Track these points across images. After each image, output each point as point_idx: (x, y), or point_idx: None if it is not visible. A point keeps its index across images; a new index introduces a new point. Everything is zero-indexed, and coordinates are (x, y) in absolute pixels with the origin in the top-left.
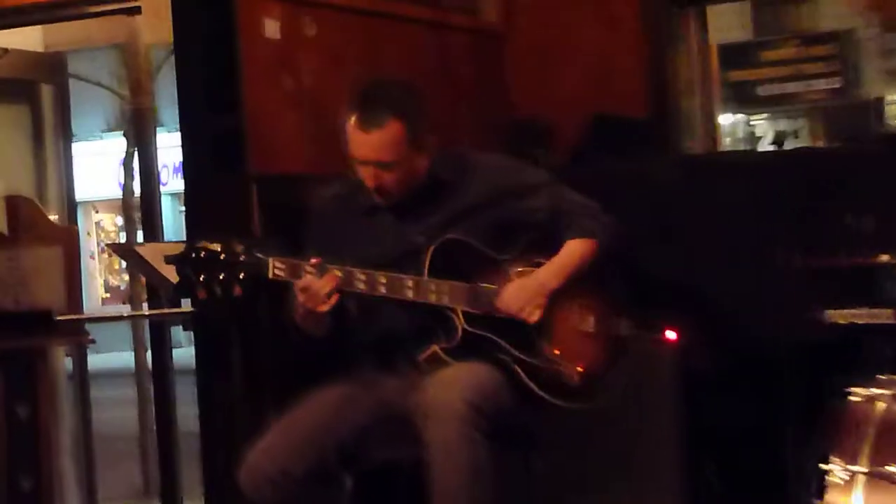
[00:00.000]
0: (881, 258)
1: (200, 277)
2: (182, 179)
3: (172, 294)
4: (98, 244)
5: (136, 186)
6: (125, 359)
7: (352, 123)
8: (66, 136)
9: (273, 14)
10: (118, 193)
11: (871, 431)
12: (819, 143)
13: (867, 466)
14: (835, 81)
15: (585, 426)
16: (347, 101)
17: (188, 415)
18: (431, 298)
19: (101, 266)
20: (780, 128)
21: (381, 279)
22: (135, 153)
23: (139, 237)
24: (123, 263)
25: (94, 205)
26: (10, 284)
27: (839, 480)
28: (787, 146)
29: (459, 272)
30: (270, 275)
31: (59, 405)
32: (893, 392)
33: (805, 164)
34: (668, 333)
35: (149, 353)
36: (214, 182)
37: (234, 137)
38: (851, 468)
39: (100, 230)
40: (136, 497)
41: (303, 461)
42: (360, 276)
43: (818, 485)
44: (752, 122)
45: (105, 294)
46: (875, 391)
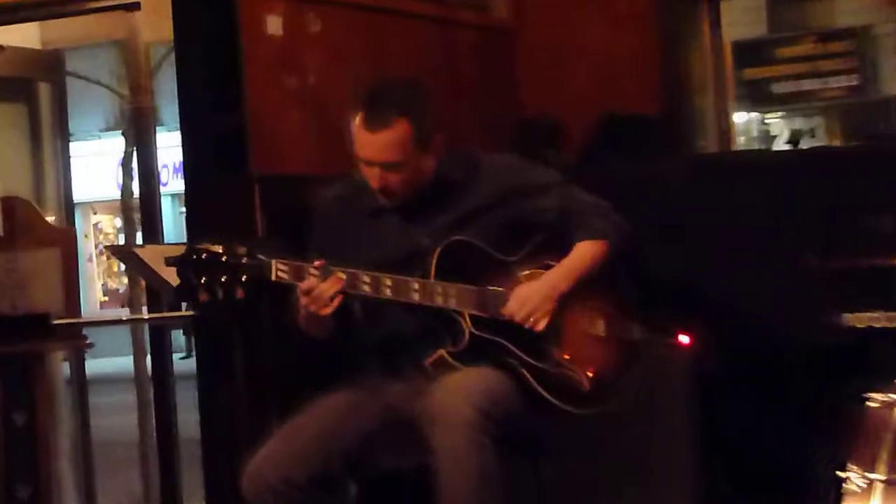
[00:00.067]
0: None
1: (202, 279)
2: (182, 180)
3: (173, 297)
4: (96, 246)
5: (136, 187)
6: (124, 364)
7: (357, 123)
8: (64, 136)
9: (275, 10)
10: (117, 194)
11: (890, 438)
12: (836, 142)
13: (885, 474)
14: (852, 78)
15: (597, 432)
16: (352, 101)
17: (189, 421)
18: (438, 301)
19: (100, 269)
20: (796, 126)
21: (387, 281)
22: (134, 153)
23: (138, 239)
24: (122, 266)
25: (93, 206)
26: (7, 288)
27: (856, 488)
28: (803, 145)
29: (467, 274)
30: (273, 277)
31: (57, 411)
32: None
33: (822, 164)
34: (681, 337)
35: (148, 358)
36: (216, 183)
37: (236, 137)
38: (869, 476)
39: (98, 232)
40: None
41: (306, 468)
42: (365, 279)
43: (835, 493)
44: (767, 121)
45: (103, 297)
46: (893, 397)
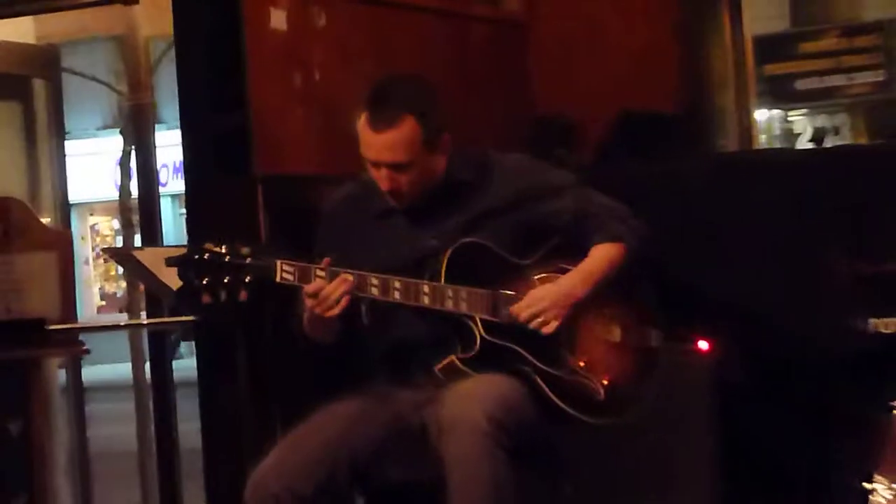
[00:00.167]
0: None
1: (204, 281)
2: (183, 180)
3: (173, 300)
4: (93, 249)
5: (134, 188)
6: (122, 371)
7: (363, 123)
8: (60, 135)
9: (279, 4)
10: (115, 195)
11: None
12: (861, 141)
13: None
14: (878, 74)
15: (613, 442)
16: (359, 99)
17: (190, 430)
18: (448, 305)
19: (97, 272)
20: (820, 124)
21: (396, 284)
22: (132, 152)
23: (137, 241)
24: (120, 270)
25: (90, 207)
26: (1, 292)
27: (883, 500)
28: (828, 143)
29: (478, 278)
30: (278, 278)
31: (53, 420)
32: None
33: (846, 163)
34: (701, 344)
35: (147, 365)
36: (217, 183)
37: (239, 135)
38: None
39: (95, 234)
40: None
41: (312, 479)
42: (374, 281)
43: None
44: (790, 119)
45: (101, 302)
46: None
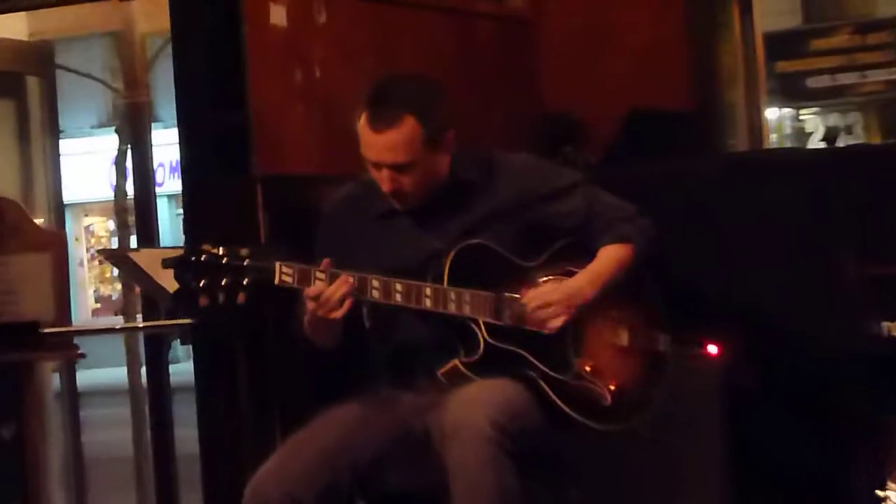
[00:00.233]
0: None
1: (201, 283)
2: (180, 180)
3: (170, 303)
4: (88, 250)
5: (130, 187)
6: (118, 375)
7: (363, 123)
8: (54, 133)
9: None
10: (110, 195)
11: None
12: (875, 140)
13: None
14: (892, 72)
15: (621, 448)
16: (360, 98)
17: (187, 435)
18: (451, 308)
19: (92, 274)
20: (832, 123)
21: (398, 286)
22: (128, 151)
23: (133, 243)
24: (116, 271)
25: (85, 207)
26: None
27: None
28: (840, 143)
29: (482, 280)
30: (277, 281)
31: (47, 425)
32: None
33: (859, 163)
34: (710, 348)
35: (144, 369)
36: (216, 183)
37: (238, 134)
38: None
39: (90, 235)
40: None
41: (313, 485)
42: (375, 283)
43: None
44: (802, 117)
45: (96, 305)
46: None
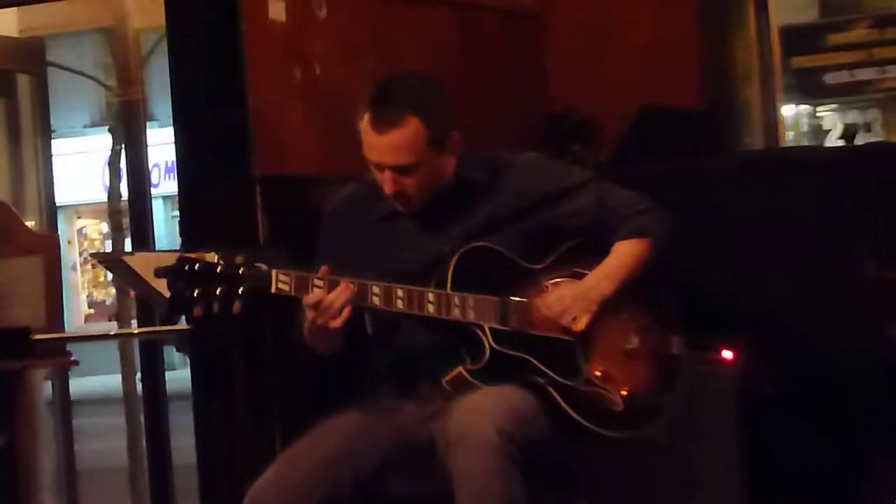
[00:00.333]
0: None
1: (195, 292)
2: (176, 180)
3: (166, 310)
4: (81, 254)
5: (124, 189)
6: (112, 382)
7: (365, 123)
8: (45, 133)
9: None
10: (104, 197)
11: None
12: (894, 137)
13: None
14: None
15: (633, 455)
16: (362, 96)
17: (184, 445)
18: (455, 314)
19: (85, 279)
20: (850, 120)
21: (399, 292)
22: (122, 151)
23: (127, 246)
24: (109, 276)
25: (77, 209)
26: None
27: None
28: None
29: (488, 284)
30: (273, 289)
31: (39, 434)
32: None
33: (879, 161)
34: (725, 352)
35: (139, 376)
36: (213, 184)
37: (236, 133)
38: None
39: (83, 238)
40: None
41: (313, 496)
42: (375, 290)
43: None
44: (819, 114)
45: (89, 310)
46: None
